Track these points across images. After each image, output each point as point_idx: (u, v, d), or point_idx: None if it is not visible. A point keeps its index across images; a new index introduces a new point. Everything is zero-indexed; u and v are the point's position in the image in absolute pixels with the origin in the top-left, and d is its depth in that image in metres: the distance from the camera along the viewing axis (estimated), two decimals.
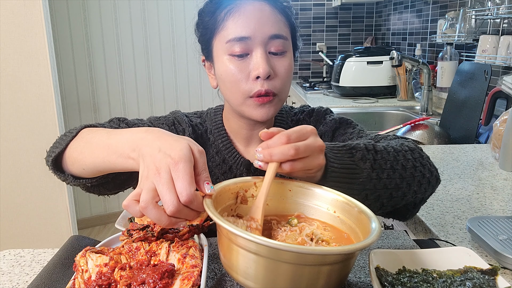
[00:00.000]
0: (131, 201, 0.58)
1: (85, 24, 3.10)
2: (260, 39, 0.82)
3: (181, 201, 0.56)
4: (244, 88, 0.83)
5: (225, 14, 0.83)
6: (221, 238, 0.60)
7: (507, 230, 0.78)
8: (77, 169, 0.78)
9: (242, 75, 0.83)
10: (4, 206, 2.29)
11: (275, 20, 0.83)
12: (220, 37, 0.84)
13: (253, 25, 0.81)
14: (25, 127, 2.24)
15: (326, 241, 0.64)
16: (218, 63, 0.86)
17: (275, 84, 0.84)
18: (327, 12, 3.52)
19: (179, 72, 3.34)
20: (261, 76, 0.81)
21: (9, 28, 2.14)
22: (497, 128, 1.31)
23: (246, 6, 0.82)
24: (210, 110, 1.02)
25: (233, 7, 0.83)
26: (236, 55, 0.82)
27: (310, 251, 0.52)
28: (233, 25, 0.82)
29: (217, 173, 0.96)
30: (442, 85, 2.24)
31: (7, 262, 0.78)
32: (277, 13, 0.84)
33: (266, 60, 0.81)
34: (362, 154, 0.70)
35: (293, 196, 0.73)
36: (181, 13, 3.25)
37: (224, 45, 0.83)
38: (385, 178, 0.71)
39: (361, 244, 0.53)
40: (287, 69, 0.85)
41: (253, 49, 0.82)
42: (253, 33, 0.81)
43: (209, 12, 0.88)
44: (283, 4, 0.87)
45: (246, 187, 0.71)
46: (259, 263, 0.54)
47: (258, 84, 0.82)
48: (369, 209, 0.63)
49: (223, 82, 0.86)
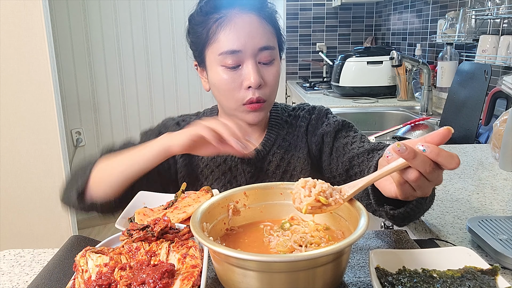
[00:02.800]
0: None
1: (85, 24, 3.10)
2: (251, 52, 0.88)
3: None
4: (238, 96, 0.90)
5: (216, 27, 0.89)
6: (214, 258, 0.61)
7: (507, 230, 0.78)
8: (103, 190, 0.85)
9: (235, 84, 0.89)
10: (4, 206, 2.29)
11: (264, 32, 0.89)
12: (212, 48, 0.90)
13: (243, 39, 0.87)
14: (25, 127, 2.24)
15: (316, 243, 0.64)
16: (211, 72, 0.92)
17: (265, 91, 0.91)
18: (327, 12, 3.52)
19: (179, 72, 3.34)
20: (253, 86, 0.88)
21: (9, 28, 2.13)
22: (497, 128, 1.31)
23: (236, 19, 0.88)
24: (207, 110, 1.08)
25: (223, 20, 0.88)
26: (229, 67, 0.88)
27: (299, 258, 0.53)
28: (224, 38, 0.88)
29: (217, 173, 0.98)
30: (442, 85, 2.24)
31: (7, 262, 0.78)
32: (264, 24, 0.90)
33: (256, 71, 0.88)
34: None
35: (285, 199, 0.74)
36: (181, 13, 3.25)
37: (217, 56, 0.89)
38: (426, 202, 0.70)
39: (347, 241, 0.54)
40: (275, 77, 0.93)
41: (244, 60, 0.89)
42: (244, 47, 0.87)
43: (200, 22, 0.93)
44: (268, 12, 0.92)
45: (236, 198, 0.72)
46: (254, 277, 0.55)
47: (250, 93, 0.89)
48: (358, 202, 0.65)
49: (217, 89, 0.93)
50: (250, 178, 0.98)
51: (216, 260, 0.60)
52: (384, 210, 0.68)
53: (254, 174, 0.98)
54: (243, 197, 0.73)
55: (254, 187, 0.74)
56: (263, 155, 0.99)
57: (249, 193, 0.73)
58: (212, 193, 0.79)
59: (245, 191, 0.73)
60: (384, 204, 0.68)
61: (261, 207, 0.74)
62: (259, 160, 0.99)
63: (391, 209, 0.67)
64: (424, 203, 0.67)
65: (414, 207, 0.66)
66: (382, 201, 0.68)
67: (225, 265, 0.57)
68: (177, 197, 0.80)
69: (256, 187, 0.74)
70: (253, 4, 0.91)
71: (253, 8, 0.90)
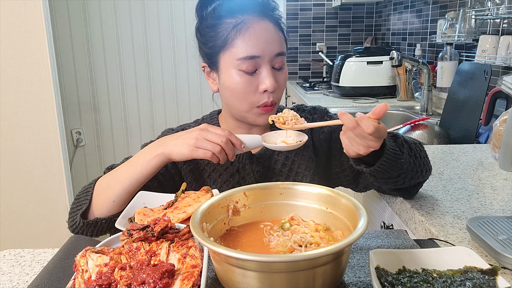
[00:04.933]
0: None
1: (85, 24, 3.10)
2: (268, 57, 0.92)
3: None
4: (252, 100, 0.94)
5: (235, 33, 0.91)
6: (214, 258, 0.61)
7: (507, 230, 0.78)
8: (107, 207, 0.88)
9: (251, 88, 0.93)
10: (4, 206, 2.29)
11: (278, 39, 0.94)
12: (229, 53, 0.92)
13: (262, 45, 0.91)
14: (25, 127, 2.24)
15: (316, 243, 0.64)
16: (225, 75, 0.94)
17: (278, 95, 0.96)
18: (327, 12, 3.52)
19: (179, 72, 3.34)
20: (269, 90, 0.92)
21: (9, 28, 2.13)
22: (497, 128, 1.31)
23: (254, 25, 0.91)
24: (206, 116, 1.09)
25: (242, 26, 0.91)
26: (246, 71, 0.91)
27: (299, 258, 0.53)
28: (243, 44, 0.90)
29: (225, 175, 0.99)
30: (442, 85, 2.24)
31: (7, 262, 0.78)
32: (278, 31, 0.95)
33: (273, 76, 0.93)
34: (401, 141, 0.85)
35: (285, 198, 0.74)
36: (181, 13, 3.25)
37: (234, 61, 0.91)
38: (412, 162, 0.86)
39: (346, 241, 0.54)
40: (285, 81, 0.98)
41: (261, 65, 0.92)
42: (262, 52, 0.91)
43: (212, 25, 0.94)
44: (279, 20, 0.96)
45: (236, 198, 0.73)
46: (254, 277, 0.55)
47: (265, 96, 0.93)
48: (358, 202, 0.66)
49: (230, 92, 0.95)
50: (259, 177, 1.00)
51: (216, 260, 0.60)
52: (361, 169, 0.82)
53: (262, 173, 1.01)
54: (243, 197, 0.73)
55: (254, 187, 0.75)
56: (269, 154, 1.02)
57: (249, 193, 0.74)
58: (212, 193, 0.79)
59: (245, 191, 0.73)
60: (361, 163, 0.82)
61: (261, 207, 0.74)
62: (266, 159, 1.01)
63: (366, 167, 0.80)
64: (398, 160, 0.80)
65: (386, 163, 0.78)
66: (358, 161, 0.82)
67: (225, 265, 0.57)
68: (177, 197, 0.80)
69: (256, 187, 0.75)
70: (266, 10, 0.94)
71: (266, 14, 0.93)
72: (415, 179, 0.91)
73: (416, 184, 0.98)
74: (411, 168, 0.86)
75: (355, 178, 1.03)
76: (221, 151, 0.83)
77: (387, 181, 0.87)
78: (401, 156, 0.81)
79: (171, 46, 3.29)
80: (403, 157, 0.82)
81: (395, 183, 0.88)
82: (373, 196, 1.30)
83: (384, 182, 0.88)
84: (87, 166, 3.33)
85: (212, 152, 0.82)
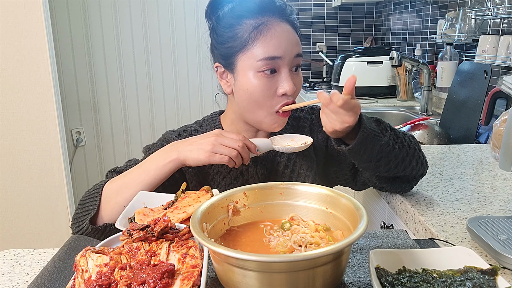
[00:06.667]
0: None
1: (85, 24, 3.10)
2: (289, 59, 0.91)
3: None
4: (271, 103, 0.92)
5: (255, 35, 0.89)
6: (214, 258, 0.61)
7: (507, 230, 0.78)
8: (117, 212, 0.85)
9: (270, 91, 0.91)
10: (4, 206, 2.29)
11: (297, 40, 0.93)
12: (248, 54, 0.90)
13: (284, 46, 0.90)
14: (25, 127, 2.24)
15: (316, 243, 0.64)
16: (242, 77, 0.92)
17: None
18: (327, 12, 3.52)
19: (179, 72, 3.34)
20: (288, 93, 0.91)
21: (9, 28, 2.13)
22: (497, 128, 1.31)
23: (276, 27, 0.90)
24: (207, 117, 1.08)
25: (263, 27, 0.89)
26: (266, 73, 0.90)
27: (298, 258, 0.53)
28: (265, 45, 0.89)
29: (229, 178, 0.99)
30: (442, 85, 2.24)
31: (7, 262, 0.78)
32: (295, 33, 0.94)
33: (292, 79, 0.92)
34: (384, 126, 0.87)
35: (285, 198, 0.74)
36: (181, 13, 3.25)
37: (254, 62, 0.89)
38: (397, 149, 0.87)
39: (346, 241, 0.54)
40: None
41: (281, 67, 0.91)
42: (284, 53, 0.90)
43: (229, 25, 0.92)
44: (295, 22, 0.96)
45: (236, 198, 0.72)
46: (254, 277, 0.55)
47: (283, 99, 0.92)
48: (358, 202, 0.66)
49: (248, 95, 0.92)
50: (263, 180, 1.00)
51: (216, 260, 0.60)
52: (341, 149, 0.83)
53: (266, 175, 1.01)
54: (243, 197, 0.73)
55: (254, 187, 0.75)
56: (272, 156, 1.02)
57: (249, 193, 0.74)
58: (212, 193, 0.79)
59: (244, 191, 0.73)
60: (341, 144, 0.83)
61: (261, 207, 0.74)
62: (269, 161, 1.01)
63: (345, 146, 0.82)
64: (376, 140, 0.81)
65: (362, 141, 0.79)
66: (339, 142, 0.84)
67: (225, 265, 0.57)
68: (177, 197, 0.80)
69: (256, 187, 0.75)
70: (285, 13, 0.94)
71: (285, 17, 0.93)
72: (402, 170, 0.91)
73: (410, 178, 0.98)
74: (395, 154, 0.87)
75: (354, 176, 1.03)
76: (237, 156, 0.84)
77: (369, 165, 0.87)
78: (381, 138, 0.82)
79: (171, 46, 3.29)
80: (384, 140, 0.83)
81: (377, 168, 0.88)
82: (373, 196, 1.30)
83: (366, 167, 0.88)
84: (87, 166, 3.34)
85: (229, 157, 0.84)
